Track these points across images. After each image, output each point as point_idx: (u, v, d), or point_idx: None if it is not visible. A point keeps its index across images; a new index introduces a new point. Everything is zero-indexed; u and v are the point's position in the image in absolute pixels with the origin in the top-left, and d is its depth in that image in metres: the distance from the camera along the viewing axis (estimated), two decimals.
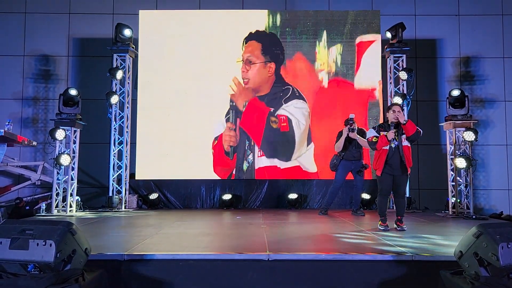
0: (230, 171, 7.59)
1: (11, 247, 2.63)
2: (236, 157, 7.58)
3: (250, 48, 7.77)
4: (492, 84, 8.26)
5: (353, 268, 3.24)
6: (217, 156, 7.61)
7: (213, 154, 7.61)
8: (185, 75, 7.73)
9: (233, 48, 7.76)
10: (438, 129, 7.93)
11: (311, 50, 7.78)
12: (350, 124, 5.88)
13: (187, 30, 7.81)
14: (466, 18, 8.37)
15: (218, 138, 7.64)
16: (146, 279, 3.19)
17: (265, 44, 7.77)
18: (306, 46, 7.79)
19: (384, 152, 4.68)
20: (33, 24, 8.33)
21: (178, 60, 7.75)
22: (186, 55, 7.76)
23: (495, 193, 8.11)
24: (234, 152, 7.59)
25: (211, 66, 7.72)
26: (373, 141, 4.71)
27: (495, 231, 2.60)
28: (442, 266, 3.01)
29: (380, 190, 4.85)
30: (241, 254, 3.36)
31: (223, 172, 7.60)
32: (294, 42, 7.81)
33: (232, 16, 7.93)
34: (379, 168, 4.71)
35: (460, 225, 5.34)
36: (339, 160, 6.24)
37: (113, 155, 7.41)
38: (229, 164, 7.59)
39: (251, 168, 7.59)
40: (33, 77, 8.28)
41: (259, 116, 7.62)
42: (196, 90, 7.72)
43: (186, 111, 7.70)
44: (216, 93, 7.68)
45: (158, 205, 7.55)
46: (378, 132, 4.74)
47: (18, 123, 8.02)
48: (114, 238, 4.47)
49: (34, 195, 7.73)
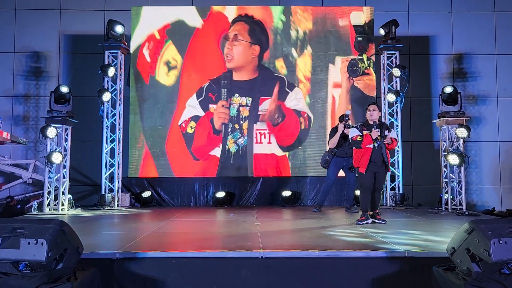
0: (211, 149, 7.62)
1: (2, 246, 2.60)
2: (222, 137, 7.65)
3: (238, 27, 7.84)
4: (484, 80, 8.31)
5: (347, 265, 3.25)
6: (199, 137, 7.62)
7: (194, 135, 7.61)
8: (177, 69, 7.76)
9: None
10: (431, 125, 7.97)
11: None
12: (345, 121, 5.89)
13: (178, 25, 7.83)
14: (459, 15, 8.41)
15: (199, 119, 7.66)
16: (139, 277, 3.17)
17: (252, 28, 7.83)
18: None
19: (368, 151, 4.85)
20: (24, 20, 8.22)
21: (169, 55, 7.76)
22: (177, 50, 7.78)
23: (488, 190, 8.17)
24: (224, 129, 7.63)
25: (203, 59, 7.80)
26: (358, 140, 4.86)
27: (487, 227, 2.62)
28: (435, 262, 3.03)
29: (363, 186, 5.01)
30: (234, 252, 3.36)
31: (202, 153, 7.61)
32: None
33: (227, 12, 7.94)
34: (363, 166, 4.88)
35: (453, 222, 5.38)
36: (331, 157, 6.24)
37: (106, 153, 7.35)
38: (215, 143, 7.61)
39: (242, 152, 7.60)
40: (24, 74, 8.19)
41: (293, 121, 7.71)
42: (190, 85, 7.75)
43: (178, 106, 7.70)
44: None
45: (151, 203, 7.51)
46: (361, 131, 4.88)
47: (8, 120, 7.93)
48: (106, 236, 4.45)
49: (25, 193, 7.67)
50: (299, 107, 7.74)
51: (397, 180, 7.39)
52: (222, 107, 7.65)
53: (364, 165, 4.87)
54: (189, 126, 7.65)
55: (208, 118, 7.68)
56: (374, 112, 4.92)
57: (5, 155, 7.63)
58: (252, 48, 7.78)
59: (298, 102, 7.75)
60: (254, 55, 7.78)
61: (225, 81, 7.68)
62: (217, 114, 7.66)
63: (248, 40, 7.79)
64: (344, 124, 5.91)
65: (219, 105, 7.66)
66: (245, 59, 7.78)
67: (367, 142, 4.81)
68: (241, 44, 7.78)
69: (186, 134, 7.65)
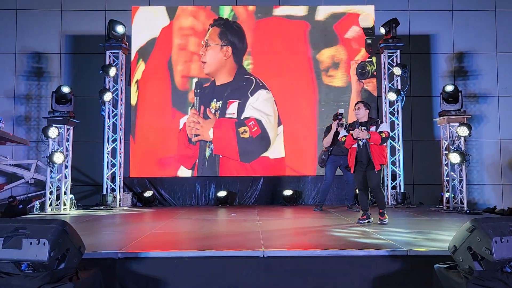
0: (194, 159, 7.61)
1: (4, 246, 2.61)
2: (199, 145, 7.62)
3: (211, 32, 7.83)
4: (485, 79, 8.30)
5: (349, 264, 3.25)
6: (181, 145, 7.63)
7: (177, 142, 7.62)
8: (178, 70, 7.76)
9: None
10: (432, 124, 7.96)
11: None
12: (339, 119, 5.89)
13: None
14: (460, 13, 8.39)
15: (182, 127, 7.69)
16: (141, 277, 3.18)
17: (223, 30, 7.80)
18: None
19: (353, 150, 4.86)
20: (25, 21, 8.23)
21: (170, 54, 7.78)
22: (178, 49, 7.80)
23: (489, 188, 8.16)
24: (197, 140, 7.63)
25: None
26: (342, 141, 4.95)
27: (489, 226, 2.61)
28: (436, 261, 3.02)
29: (357, 186, 5.03)
30: (236, 251, 3.36)
31: (188, 161, 7.62)
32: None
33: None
34: (352, 166, 4.92)
35: (454, 220, 5.37)
36: (327, 156, 6.24)
37: (107, 152, 7.36)
38: (193, 152, 7.61)
39: (215, 157, 7.59)
40: (25, 74, 8.20)
41: (227, 134, 7.60)
42: (190, 86, 7.75)
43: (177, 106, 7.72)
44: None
45: (152, 202, 7.52)
46: (348, 131, 4.91)
47: (10, 121, 7.94)
48: (108, 236, 4.45)
49: (27, 193, 7.68)
50: (258, 111, 7.63)
51: (398, 179, 7.38)
52: (192, 116, 7.64)
53: (352, 165, 4.91)
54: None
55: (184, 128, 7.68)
56: (359, 110, 4.89)
57: (7, 156, 7.64)
58: (223, 50, 7.74)
59: (262, 105, 7.65)
60: (227, 56, 7.73)
61: (197, 89, 7.68)
62: (188, 123, 7.66)
63: (218, 43, 7.75)
64: (337, 123, 5.91)
65: (190, 115, 7.67)
66: (216, 63, 7.73)
67: (349, 142, 4.83)
68: (211, 48, 7.75)
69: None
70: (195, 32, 7.85)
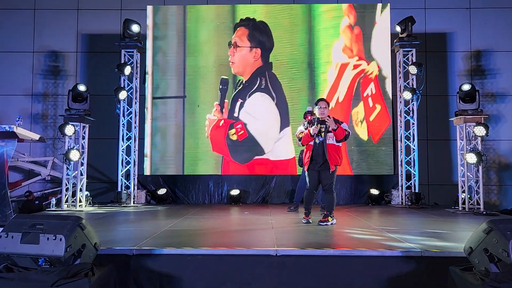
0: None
1: (22, 241, 2.67)
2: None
3: (239, 33, 7.88)
4: (503, 78, 8.14)
5: (362, 264, 3.23)
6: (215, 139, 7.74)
7: (211, 138, 7.72)
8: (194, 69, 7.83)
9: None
10: (448, 124, 7.84)
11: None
12: (306, 117, 5.80)
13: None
14: (477, 11, 8.24)
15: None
16: (155, 274, 3.21)
17: (251, 31, 7.86)
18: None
19: (309, 148, 4.77)
20: (42, 20, 8.38)
21: (186, 53, 7.85)
22: (194, 49, 7.87)
23: (507, 189, 8.01)
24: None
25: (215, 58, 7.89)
26: (299, 137, 4.84)
27: (506, 227, 2.57)
28: (451, 262, 2.99)
29: (309, 185, 4.89)
30: (249, 249, 3.37)
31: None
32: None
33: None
34: (306, 164, 4.80)
35: (470, 221, 5.29)
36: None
37: (122, 150, 7.45)
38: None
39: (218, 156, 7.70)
40: (43, 73, 8.34)
41: (219, 135, 7.70)
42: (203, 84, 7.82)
43: (192, 105, 7.77)
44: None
45: (166, 200, 7.58)
46: (306, 128, 4.80)
47: (28, 119, 8.10)
48: (123, 233, 4.51)
49: (44, 190, 7.82)
50: (248, 115, 7.70)
51: (413, 179, 7.30)
52: (215, 111, 7.75)
53: (306, 163, 4.80)
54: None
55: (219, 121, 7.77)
56: (325, 109, 4.76)
57: (24, 153, 7.79)
58: (253, 51, 7.83)
59: (254, 109, 7.71)
60: (256, 58, 7.82)
61: (222, 86, 7.78)
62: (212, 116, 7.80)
63: (247, 45, 7.84)
64: (307, 122, 5.82)
65: (214, 109, 7.77)
66: (245, 64, 7.82)
67: (306, 138, 4.74)
68: (242, 50, 7.84)
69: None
70: (211, 30, 7.88)
